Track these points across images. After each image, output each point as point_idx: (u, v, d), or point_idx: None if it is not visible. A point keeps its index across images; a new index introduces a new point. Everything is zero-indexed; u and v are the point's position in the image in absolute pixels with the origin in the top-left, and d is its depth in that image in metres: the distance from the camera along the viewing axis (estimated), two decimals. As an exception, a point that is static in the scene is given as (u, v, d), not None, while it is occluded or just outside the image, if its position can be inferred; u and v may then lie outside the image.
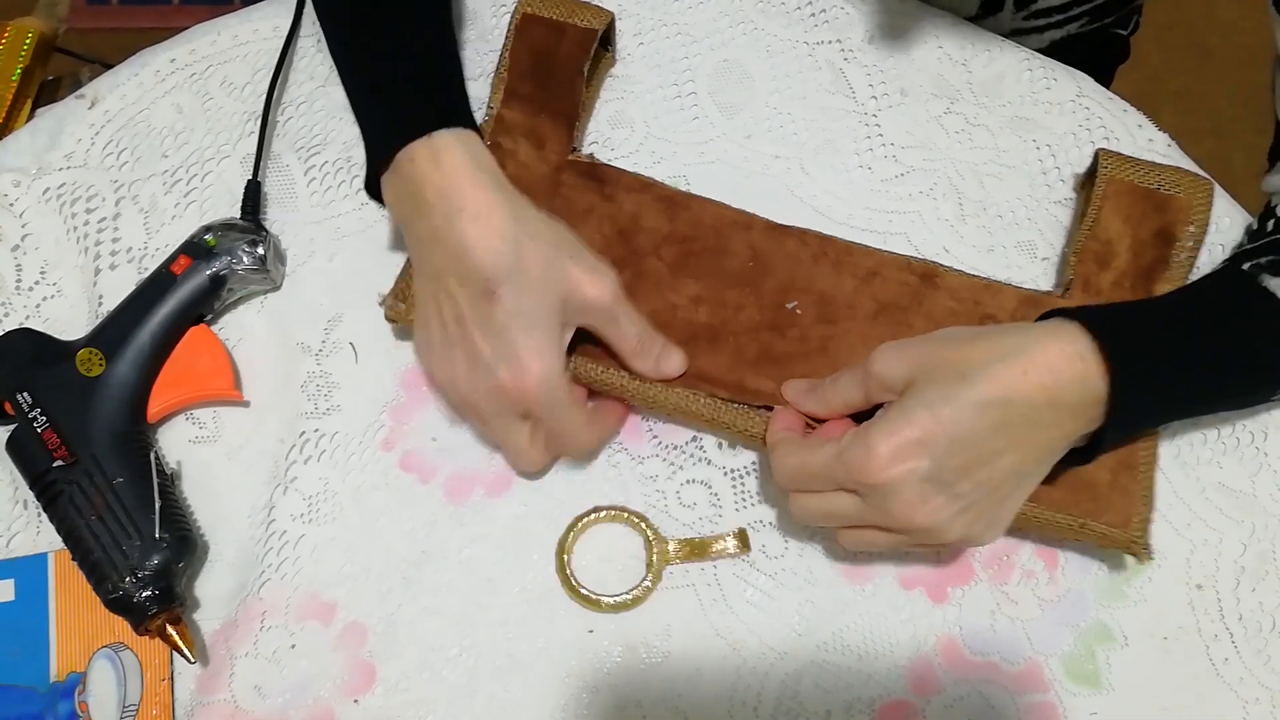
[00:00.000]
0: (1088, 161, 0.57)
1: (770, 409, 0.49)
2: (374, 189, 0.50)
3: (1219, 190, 0.54)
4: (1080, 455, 0.45)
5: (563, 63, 0.55)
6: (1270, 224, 0.49)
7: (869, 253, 0.52)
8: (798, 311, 0.51)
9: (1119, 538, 0.47)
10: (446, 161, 0.46)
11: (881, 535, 0.44)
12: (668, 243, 0.52)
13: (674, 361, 0.49)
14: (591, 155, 0.55)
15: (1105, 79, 0.75)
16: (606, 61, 0.59)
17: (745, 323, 0.51)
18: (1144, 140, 0.58)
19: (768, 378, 0.49)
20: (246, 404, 0.53)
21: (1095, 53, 0.72)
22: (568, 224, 0.49)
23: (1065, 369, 0.42)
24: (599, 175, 0.54)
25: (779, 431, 0.47)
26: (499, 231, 0.45)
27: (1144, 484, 0.48)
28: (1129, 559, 0.50)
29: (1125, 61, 0.76)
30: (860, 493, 0.43)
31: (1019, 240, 0.56)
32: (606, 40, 0.58)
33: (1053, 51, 0.63)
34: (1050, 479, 0.46)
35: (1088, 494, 0.47)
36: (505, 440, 0.48)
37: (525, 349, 0.45)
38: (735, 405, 0.49)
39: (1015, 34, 0.63)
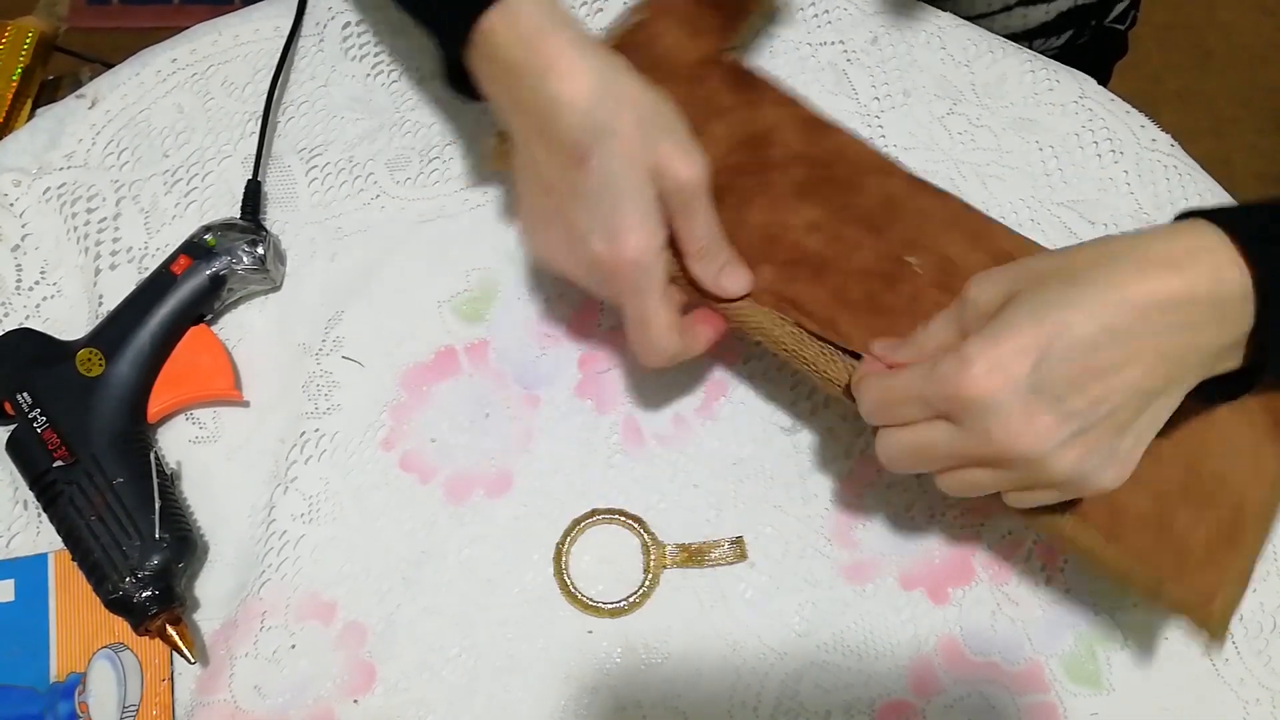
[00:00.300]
0: (1090, 162, 0.57)
1: (857, 357, 0.44)
2: (455, 83, 0.47)
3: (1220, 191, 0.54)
4: (1233, 384, 0.39)
5: None
6: None
7: (1009, 234, 0.48)
8: (918, 270, 0.46)
9: (1196, 611, 0.42)
10: (525, 24, 0.42)
11: (983, 473, 0.39)
12: (798, 162, 0.49)
13: (737, 280, 0.45)
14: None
15: (1104, 75, 0.75)
16: None
17: (857, 264, 0.46)
18: (1147, 141, 0.58)
19: (865, 326, 0.45)
20: (246, 404, 0.53)
21: (1094, 48, 0.73)
22: (697, 117, 0.46)
23: (1193, 261, 0.36)
24: (746, 79, 0.51)
25: (866, 372, 0.43)
26: (586, 92, 0.41)
27: (1242, 564, 0.42)
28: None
29: (1123, 58, 0.77)
30: (956, 415, 0.37)
31: (1020, 241, 0.56)
32: None
33: (1055, 29, 0.62)
34: (1143, 513, 0.41)
35: (1174, 552, 0.42)
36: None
37: (621, 220, 0.41)
38: (820, 344, 0.45)
39: (1021, 3, 0.63)
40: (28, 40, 0.83)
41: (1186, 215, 0.38)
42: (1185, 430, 0.43)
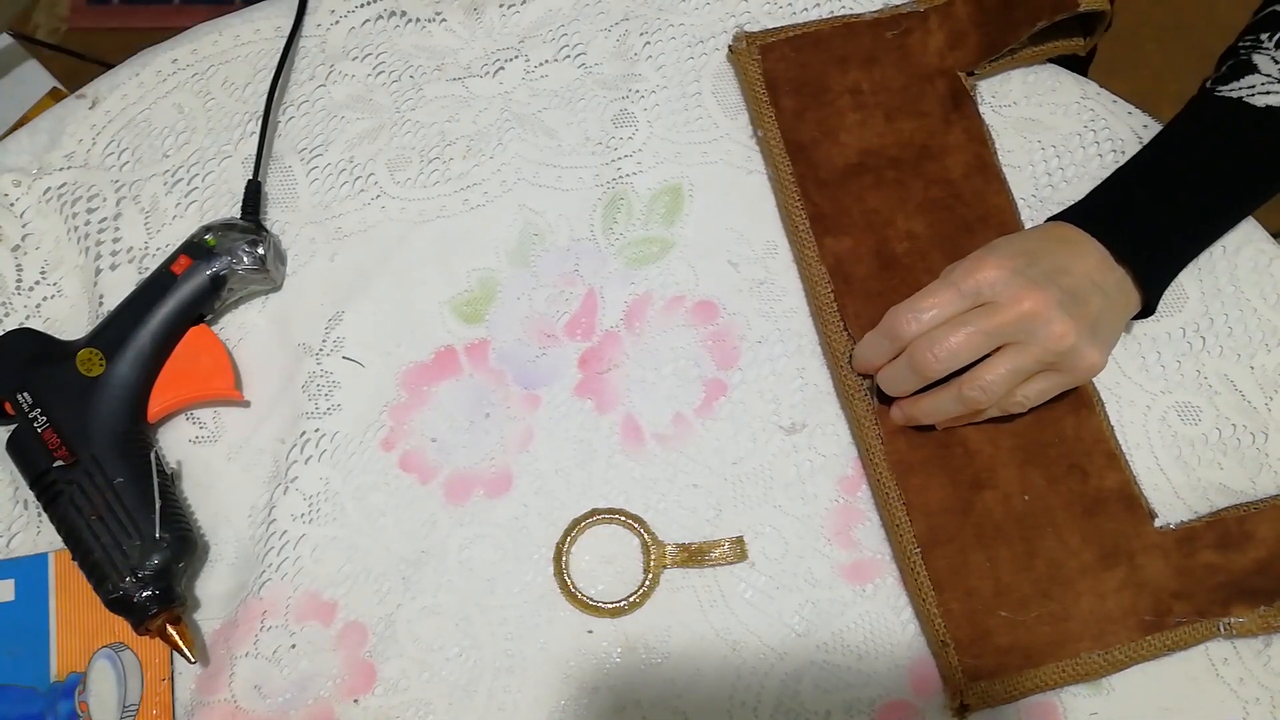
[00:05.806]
0: (1092, 162, 0.57)
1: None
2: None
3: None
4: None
5: (1032, 5, 0.56)
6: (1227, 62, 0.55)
7: None
8: None
9: None
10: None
11: (1008, 354, 0.46)
12: (942, 185, 0.55)
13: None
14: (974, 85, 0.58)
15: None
16: (1071, 46, 0.59)
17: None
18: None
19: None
20: (247, 404, 0.53)
21: None
22: (897, 107, 0.56)
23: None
24: (960, 102, 0.57)
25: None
26: None
27: None
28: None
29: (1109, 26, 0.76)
30: (976, 295, 0.47)
31: (1020, 241, 0.56)
32: (1091, 27, 0.57)
33: None
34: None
35: None
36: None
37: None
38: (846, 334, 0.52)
39: None
40: (28, 40, 0.83)
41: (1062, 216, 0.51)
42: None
